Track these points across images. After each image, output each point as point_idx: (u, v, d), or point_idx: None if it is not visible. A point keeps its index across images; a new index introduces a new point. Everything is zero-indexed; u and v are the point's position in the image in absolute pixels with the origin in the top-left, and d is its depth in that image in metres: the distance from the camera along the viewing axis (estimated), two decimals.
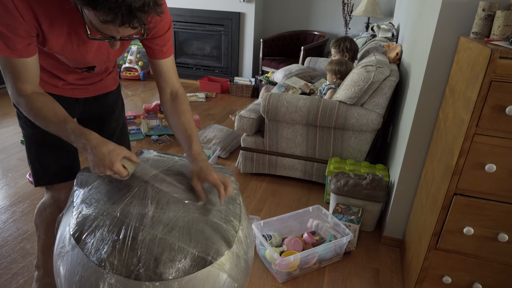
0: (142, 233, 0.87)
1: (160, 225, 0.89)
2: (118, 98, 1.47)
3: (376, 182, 2.04)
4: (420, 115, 1.73)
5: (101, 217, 0.91)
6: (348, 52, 2.90)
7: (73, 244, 0.89)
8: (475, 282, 1.42)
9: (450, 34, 1.53)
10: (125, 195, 0.96)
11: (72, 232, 0.90)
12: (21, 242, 1.93)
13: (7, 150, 2.93)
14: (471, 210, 1.31)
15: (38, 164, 1.29)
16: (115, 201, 0.94)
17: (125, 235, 0.87)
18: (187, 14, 4.84)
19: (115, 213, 0.91)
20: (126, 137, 1.53)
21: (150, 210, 0.92)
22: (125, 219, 0.89)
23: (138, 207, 0.93)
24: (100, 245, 0.86)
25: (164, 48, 1.17)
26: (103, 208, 0.93)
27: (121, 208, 0.92)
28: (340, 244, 1.82)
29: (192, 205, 0.98)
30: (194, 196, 1.02)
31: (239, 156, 2.67)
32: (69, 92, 1.28)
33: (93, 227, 0.89)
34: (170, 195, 0.97)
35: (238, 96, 4.61)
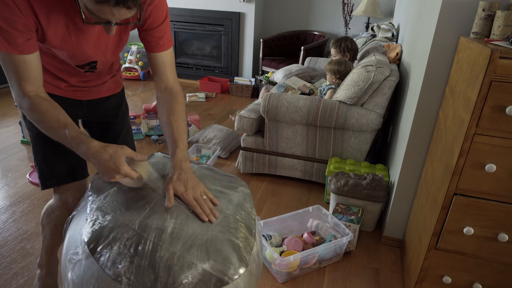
0: (161, 250, 0.85)
1: (179, 242, 0.87)
2: (122, 101, 1.46)
3: (376, 182, 2.04)
4: (420, 115, 1.73)
5: (118, 229, 0.88)
6: (349, 52, 2.90)
7: (87, 253, 0.87)
8: (475, 282, 1.42)
9: (450, 34, 1.53)
10: (144, 207, 0.93)
11: (86, 240, 0.88)
12: (21, 242, 1.93)
13: (7, 150, 2.93)
14: (471, 210, 1.31)
15: (44, 165, 1.28)
16: (133, 212, 0.92)
17: (143, 251, 0.85)
18: (187, 14, 4.84)
19: (134, 226, 0.89)
20: (131, 139, 1.51)
21: (169, 226, 0.90)
22: (143, 233, 0.87)
23: (157, 221, 0.90)
24: (117, 259, 0.84)
25: (161, 41, 1.14)
26: (121, 220, 0.90)
27: (140, 221, 0.90)
28: (340, 244, 1.82)
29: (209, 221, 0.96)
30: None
31: (239, 156, 2.67)
32: (72, 94, 1.28)
33: (110, 239, 0.87)
34: (189, 210, 0.95)
35: (238, 96, 4.61)
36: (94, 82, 1.30)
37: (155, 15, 1.08)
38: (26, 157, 2.83)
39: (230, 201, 1.03)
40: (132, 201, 0.95)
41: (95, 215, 0.93)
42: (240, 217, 1.00)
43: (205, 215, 0.94)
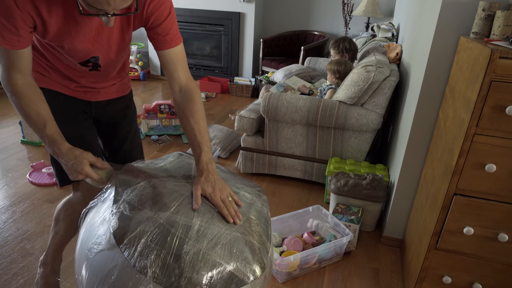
0: (187, 246, 0.86)
1: (204, 239, 0.89)
2: (130, 103, 1.47)
3: (376, 182, 2.04)
4: (420, 115, 1.73)
5: (146, 222, 0.89)
6: (347, 52, 2.90)
7: (112, 243, 0.87)
8: (475, 282, 1.42)
9: (450, 34, 1.53)
10: (171, 203, 0.95)
11: (113, 231, 0.89)
12: (21, 242, 1.93)
13: (7, 150, 2.93)
14: (471, 210, 1.31)
15: (59, 163, 1.27)
16: (161, 207, 0.93)
17: (170, 245, 0.86)
18: (187, 14, 4.84)
19: (161, 220, 0.89)
20: (138, 140, 1.53)
21: (196, 223, 0.91)
22: (171, 228, 0.88)
23: (184, 218, 0.91)
24: (144, 251, 0.85)
25: (168, 38, 1.11)
26: (149, 213, 0.91)
27: (168, 216, 0.91)
28: (340, 244, 1.82)
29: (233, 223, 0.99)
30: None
31: (239, 156, 2.67)
32: (81, 94, 1.30)
33: (137, 232, 0.87)
34: (215, 210, 0.98)
35: (238, 96, 4.61)
36: (103, 84, 1.31)
37: (157, 12, 1.07)
38: (26, 157, 2.83)
39: (251, 205, 1.06)
40: (159, 197, 0.96)
41: (121, 207, 0.93)
42: (260, 221, 1.03)
43: (231, 217, 0.97)
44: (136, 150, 1.51)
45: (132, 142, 1.49)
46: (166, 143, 3.20)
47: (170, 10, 1.09)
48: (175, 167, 1.11)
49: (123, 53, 1.23)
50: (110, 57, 1.19)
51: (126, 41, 1.16)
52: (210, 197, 1.00)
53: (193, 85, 1.16)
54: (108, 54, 1.17)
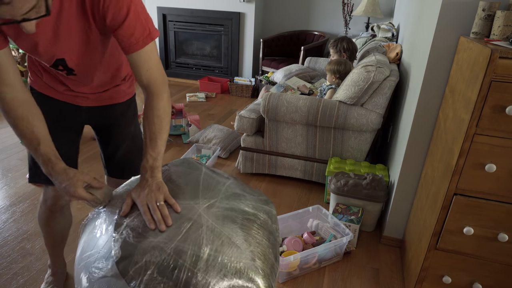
0: (196, 278, 0.83)
1: (214, 270, 0.85)
2: (127, 111, 1.39)
3: (376, 182, 2.04)
4: (420, 115, 1.73)
5: (152, 252, 0.85)
6: (346, 52, 2.90)
7: (116, 273, 0.84)
8: (475, 282, 1.42)
9: (450, 34, 1.53)
10: (179, 229, 0.90)
11: (116, 260, 0.85)
12: (21, 242, 1.93)
13: (7, 150, 2.93)
14: (471, 210, 1.31)
15: (31, 161, 1.30)
16: (168, 234, 0.88)
17: (177, 278, 0.82)
18: (187, 14, 4.84)
19: (169, 250, 0.85)
20: (136, 150, 1.45)
21: (205, 252, 0.87)
22: (179, 259, 0.84)
23: (192, 246, 0.87)
24: (150, 284, 0.81)
25: (132, 39, 0.98)
26: (155, 241, 0.87)
27: (175, 245, 0.86)
28: (340, 244, 1.82)
29: (243, 248, 0.94)
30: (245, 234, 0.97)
31: (239, 156, 2.67)
32: (70, 98, 1.26)
33: (143, 263, 0.83)
34: (224, 235, 0.93)
35: (238, 96, 4.61)
36: (94, 89, 1.26)
37: (113, 10, 0.94)
38: (26, 157, 2.83)
39: (261, 226, 1.01)
40: None
41: (124, 233, 0.90)
42: (270, 243, 1.00)
43: (153, 223, 0.90)
44: (132, 159, 1.44)
45: (129, 152, 1.43)
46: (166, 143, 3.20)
47: (129, 9, 0.94)
48: (182, 183, 1.04)
49: (98, 57, 1.12)
50: (79, 60, 1.09)
51: (93, 43, 1.05)
52: (136, 201, 0.95)
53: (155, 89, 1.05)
54: (74, 56, 1.08)
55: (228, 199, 1.01)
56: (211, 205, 0.97)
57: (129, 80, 1.36)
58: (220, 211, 0.96)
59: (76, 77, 1.17)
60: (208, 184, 1.04)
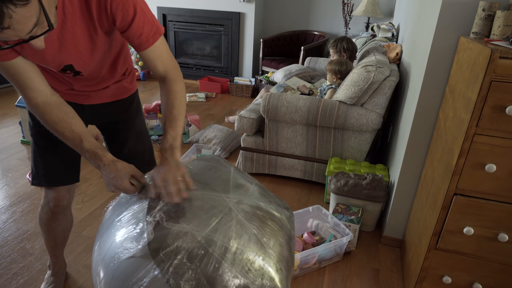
0: (222, 268, 0.85)
1: (239, 264, 0.88)
2: (129, 107, 1.40)
3: (376, 182, 2.04)
4: (420, 115, 1.73)
5: (184, 238, 0.87)
6: (345, 52, 2.90)
7: (145, 253, 0.85)
8: (475, 282, 1.42)
9: (450, 34, 1.53)
10: (210, 219, 0.92)
11: (148, 241, 0.87)
12: (21, 242, 1.93)
13: (7, 150, 2.93)
14: (471, 210, 1.31)
15: (33, 164, 1.31)
16: (200, 223, 0.90)
17: (206, 266, 0.84)
18: (187, 14, 4.84)
19: (199, 238, 0.87)
20: (142, 147, 1.46)
21: (233, 245, 0.89)
22: (208, 248, 0.86)
23: (222, 237, 0.89)
24: (179, 268, 0.83)
25: (143, 37, 1.03)
26: (187, 228, 0.89)
27: (206, 234, 0.88)
28: (340, 244, 1.82)
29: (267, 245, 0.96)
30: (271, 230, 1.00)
31: (239, 156, 2.67)
32: (73, 97, 1.27)
33: (174, 247, 0.85)
34: (251, 232, 0.94)
35: (238, 96, 4.61)
36: (94, 87, 1.27)
37: (122, 13, 0.97)
38: (26, 157, 2.83)
39: (283, 229, 1.03)
40: (198, 211, 0.94)
41: (157, 216, 0.91)
42: (289, 247, 1.02)
43: (168, 197, 0.93)
44: (138, 155, 1.44)
45: (134, 148, 1.43)
46: None
47: (135, 8, 0.98)
48: (213, 177, 1.07)
49: (104, 57, 1.15)
50: (86, 63, 1.12)
51: (99, 45, 1.08)
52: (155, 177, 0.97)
53: (171, 74, 1.12)
54: (82, 61, 1.11)
55: (256, 198, 1.04)
56: (241, 201, 1.00)
57: (130, 76, 1.36)
58: (249, 208, 0.99)
59: (83, 77, 1.19)
60: (237, 181, 1.07)
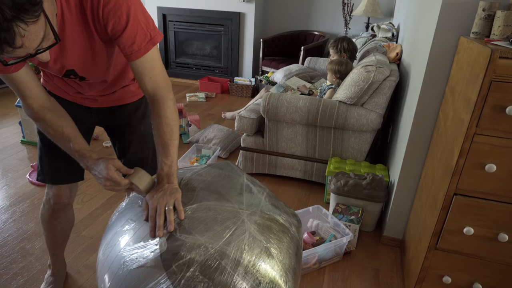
0: (234, 282, 0.86)
1: (251, 277, 0.88)
2: (136, 111, 1.39)
3: (376, 182, 2.04)
4: (420, 115, 1.73)
5: (197, 250, 0.87)
6: (346, 52, 2.90)
7: (157, 265, 0.85)
8: (475, 282, 1.42)
9: (450, 34, 1.53)
10: (224, 231, 0.92)
11: (161, 253, 0.87)
12: (21, 242, 1.93)
13: (7, 150, 2.93)
14: (471, 210, 1.31)
15: (39, 161, 1.35)
16: (213, 234, 0.91)
17: (218, 279, 0.84)
18: (187, 14, 4.84)
19: (212, 251, 0.87)
20: (146, 151, 1.45)
21: (245, 258, 0.89)
22: (221, 261, 0.87)
23: (235, 250, 0.89)
24: (191, 281, 0.83)
25: (135, 46, 0.97)
26: (200, 240, 0.89)
27: (220, 247, 0.88)
28: (340, 244, 1.82)
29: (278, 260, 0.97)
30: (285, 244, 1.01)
31: (239, 156, 2.67)
32: (80, 100, 1.29)
33: (187, 259, 0.85)
34: (263, 244, 0.95)
35: (238, 96, 4.61)
36: (101, 92, 1.28)
37: (114, 18, 0.93)
38: (26, 157, 2.83)
39: (292, 239, 1.04)
40: (212, 223, 0.94)
41: (171, 226, 0.93)
42: (297, 257, 1.03)
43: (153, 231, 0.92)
44: (141, 159, 1.44)
45: (138, 152, 1.43)
46: None
47: (128, 16, 0.94)
48: (227, 187, 1.07)
49: (109, 63, 1.14)
50: (89, 69, 1.11)
51: (98, 50, 1.06)
52: (148, 202, 0.98)
53: (160, 96, 1.06)
54: (84, 67, 1.10)
55: (268, 209, 1.05)
56: (253, 213, 1.01)
57: (136, 82, 1.36)
58: (261, 220, 1.00)
59: (89, 81, 1.20)
60: (250, 191, 1.09)
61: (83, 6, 0.93)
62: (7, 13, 0.69)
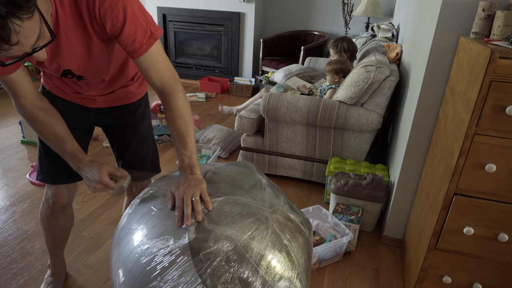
0: (257, 275, 0.88)
1: (272, 272, 0.91)
2: (135, 112, 1.39)
3: (376, 182, 2.04)
4: (420, 115, 1.73)
5: (224, 241, 0.89)
6: (346, 52, 2.91)
7: (185, 252, 0.87)
8: (475, 282, 1.42)
9: (450, 34, 1.53)
10: (249, 226, 0.94)
11: (190, 240, 0.88)
12: (21, 242, 1.93)
13: (7, 150, 2.93)
14: (471, 210, 1.31)
15: (38, 160, 1.36)
16: (240, 228, 0.93)
17: (243, 271, 0.87)
18: (187, 14, 4.84)
19: (239, 243, 0.89)
20: (145, 152, 1.44)
21: (269, 254, 0.92)
22: (246, 253, 0.89)
23: (258, 245, 0.92)
24: (217, 270, 0.85)
25: (136, 43, 0.97)
26: (228, 232, 0.91)
27: (245, 240, 0.91)
28: (340, 244, 1.82)
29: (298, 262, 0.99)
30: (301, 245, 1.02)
31: (239, 156, 2.67)
32: (79, 100, 1.29)
33: (214, 249, 0.87)
34: (284, 243, 0.97)
35: (238, 96, 4.61)
36: (100, 91, 1.27)
37: (110, 18, 0.93)
38: (26, 157, 2.83)
39: (306, 241, 1.06)
40: (238, 217, 0.95)
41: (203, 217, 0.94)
42: (309, 259, 1.06)
43: (181, 221, 0.93)
44: (140, 160, 1.44)
45: (137, 153, 1.43)
46: (166, 143, 3.20)
47: (125, 13, 0.93)
48: (250, 184, 1.09)
49: (106, 61, 1.13)
50: (85, 68, 1.10)
51: (95, 51, 1.05)
52: (174, 194, 0.99)
53: (169, 88, 1.06)
54: (80, 66, 1.08)
55: (286, 209, 1.07)
56: (275, 211, 1.03)
57: (138, 80, 1.35)
58: (282, 219, 1.02)
59: (87, 81, 1.19)
60: (271, 191, 1.11)
61: (78, 6, 0.93)
62: (1, 10, 0.69)
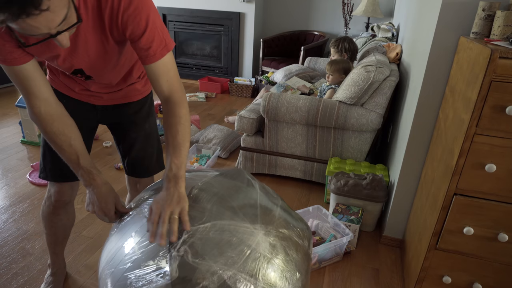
0: None
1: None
2: (141, 109, 1.40)
3: (376, 182, 2.04)
4: (420, 115, 1.73)
5: (210, 278, 0.83)
6: (346, 52, 2.91)
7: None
8: (475, 282, 1.42)
9: (450, 34, 1.53)
10: (238, 256, 0.88)
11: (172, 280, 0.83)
12: (21, 242, 1.93)
13: (7, 150, 2.93)
14: (471, 210, 1.31)
15: (42, 158, 1.35)
16: (227, 259, 0.87)
17: None
18: (187, 14, 4.84)
19: (226, 277, 0.84)
20: (150, 149, 1.45)
21: (259, 284, 0.87)
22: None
23: (249, 277, 0.87)
24: None
25: (151, 51, 0.99)
26: (214, 267, 0.85)
27: (233, 274, 0.85)
28: (340, 244, 1.82)
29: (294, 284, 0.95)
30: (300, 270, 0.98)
31: (239, 156, 2.67)
32: (86, 98, 1.29)
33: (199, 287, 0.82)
34: (278, 268, 0.92)
35: (238, 96, 4.61)
36: (107, 89, 1.28)
37: (133, 23, 0.95)
38: (26, 157, 2.83)
39: (305, 256, 1.02)
40: (226, 246, 0.90)
41: (182, 250, 0.88)
42: (308, 275, 1.03)
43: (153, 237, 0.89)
44: (145, 158, 1.45)
45: (142, 150, 1.43)
46: None
47: (147, 21, 0.96)
48: (242, 203, 1.01)
49: (115, 63, 1.15)
50: (97, 69, 1.12)
51: (110, 52, 1.07)
52: (152, 207, 0.95)
53: (176, 97, 1.06)
54: (92, 66, 1.11)
55: (282, 226, 1.01)
56: (268, 233, 0.97)
57: (144, 78, 1.37)
58: (276, 240, 0.96)
59: (94, 81, 1.21)
60: (265, 207, 1.03)
61: (102, 9, 0.94)
62: None
